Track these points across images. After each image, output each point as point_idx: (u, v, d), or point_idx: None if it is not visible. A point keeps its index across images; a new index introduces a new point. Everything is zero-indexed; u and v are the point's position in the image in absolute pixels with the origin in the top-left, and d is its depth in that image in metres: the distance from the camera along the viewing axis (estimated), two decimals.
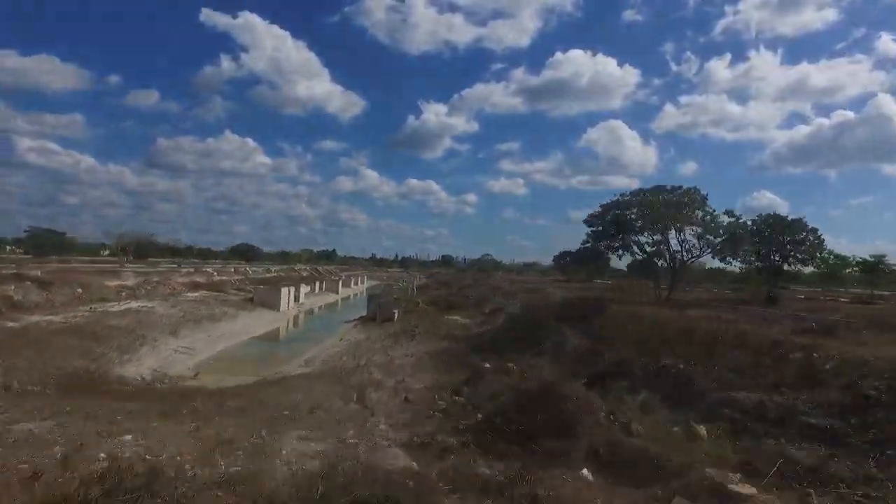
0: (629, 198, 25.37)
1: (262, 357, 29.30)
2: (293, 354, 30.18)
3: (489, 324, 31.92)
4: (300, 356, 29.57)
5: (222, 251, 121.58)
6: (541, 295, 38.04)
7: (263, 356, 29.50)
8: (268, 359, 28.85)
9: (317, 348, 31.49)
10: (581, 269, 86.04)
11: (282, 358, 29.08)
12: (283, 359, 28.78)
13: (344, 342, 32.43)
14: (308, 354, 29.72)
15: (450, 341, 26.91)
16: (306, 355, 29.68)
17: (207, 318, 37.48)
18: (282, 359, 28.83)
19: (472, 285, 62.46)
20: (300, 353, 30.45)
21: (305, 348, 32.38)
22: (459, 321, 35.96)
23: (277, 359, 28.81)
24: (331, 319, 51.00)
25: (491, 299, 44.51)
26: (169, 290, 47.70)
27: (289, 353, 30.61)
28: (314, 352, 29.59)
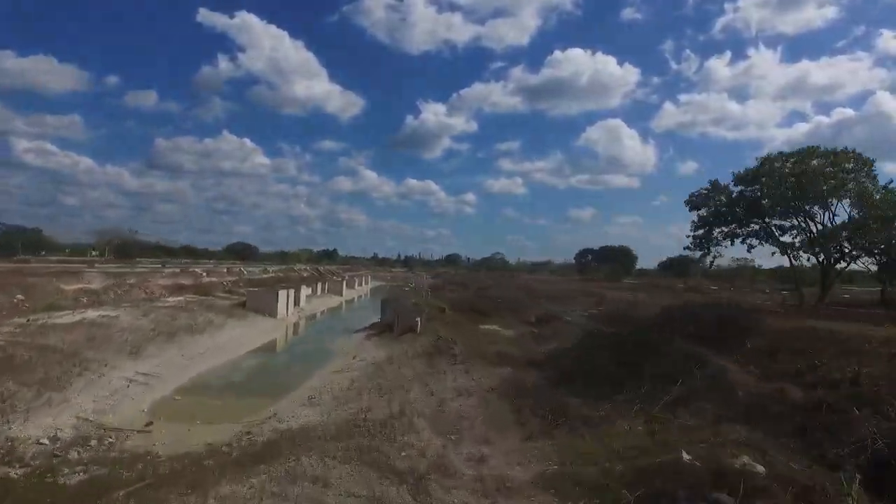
0: (761, 167, 17.82)
1: (250, 386, 21.59)
2: (292, 381, 22.49)
3: (548, 338, 24.34)
4: (302, 383, 21.90)
5: (218, 251, 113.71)
6: (606, 299, 30.36)
7: (251, 385, 21.80)
8: (257, 389, 21.14)
9: (324, 372, 23.81)
10: (603, 267, 78.63)
11: (277, 387, 21.37)
12: (278, 389, 21.07)
13: (359, 363, 24.73)
14: (313, 381, 22.02)
15: (508, 366, 19.30)
16: (310, 382, 21.99)
17: (186, 329, 29.71)
18: (277, 389, 21.13)
19: (493, 286, 54.76)
20: (302, 379, 22.77)
21: (309, 371, 24.69)
22: (503, 334, 28.35)
23: (271, 389, 21.10)
24: (337, 327, 43.23)
25: (529, 304, 36.88)
26: (145, 293, 39.95)
27: (287, 380, 22.89)
28: (321, 380, 21.92)
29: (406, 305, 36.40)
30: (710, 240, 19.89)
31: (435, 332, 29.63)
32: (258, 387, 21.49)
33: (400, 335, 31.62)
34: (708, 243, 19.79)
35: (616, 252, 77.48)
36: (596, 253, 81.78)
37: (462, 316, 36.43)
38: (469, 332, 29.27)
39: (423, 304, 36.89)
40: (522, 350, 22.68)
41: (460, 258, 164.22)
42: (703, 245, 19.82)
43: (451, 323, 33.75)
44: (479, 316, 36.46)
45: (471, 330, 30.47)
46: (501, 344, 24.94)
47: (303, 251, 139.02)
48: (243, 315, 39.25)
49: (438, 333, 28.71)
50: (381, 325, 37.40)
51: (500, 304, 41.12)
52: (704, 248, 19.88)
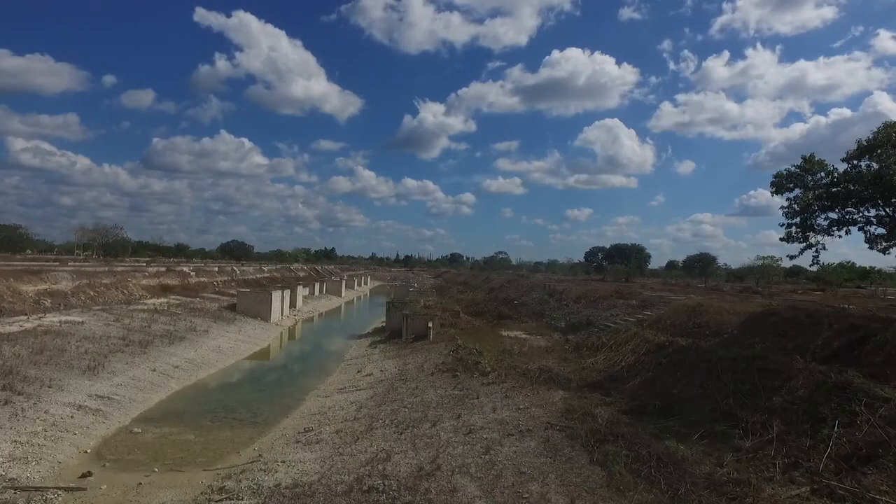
0: (878, 136, 13.74)
1: (233, 411, 17.33)
2: (285, 404, 18.33)
3: (592, 350, 20.14)
4: (297, 407, 17.72)
5: (211, 250, 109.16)
6: (647, 301, 26.22)
7: (234, 410, 17.54)
8: (241, 415, 16.91)
9: (324, 391, 19.61)
10: (616, 266, 74.44)
11: (265, 413, 17.19)
12: (266, 415, 16.89)
13: (366, 379, 20.53)
14: (310, 404, 17.84)
15: (559, 389, 15.14)
16: (307, 405, 17.82)
17: (163, 337, 25.47)
18: (265, 415, 16.95)
19: (505, 287, 50.59)
20: (297, 401, 18.58)
21: (305, 389, 20.49)
22: (531, 342, 24.19)
23: (258, 415, 16.91)
24: (338, 332, 39.09)
25: (554, 307, 32.69)
26: (123, 295, 35.65)
27: (278, 401, 18.69)
28: (320, 403, 17.75)
29: (415, 308, 32.21)
30: (811, 229, 15.72)
31: (451, 340, 25.48)
32: (242, 412, 17.27)
33: (411, 343, 27.47)
34: (808, 233, 15.61)
35: (629, 250, 73.52)
36: (607, 251, 77.70)
37: (479, 320, 32.26)
38: (491, 341, 25.10)
39: (435, 307, 32.68)
40: (565, 365, 18.50)
41: (462, 258, 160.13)
42: (803, 236, 15.63)
43: (467, 329, 29.57)
44: (498, 320, 32.30)
45: (493, 337, 26.31)
46: (535, 356, 20.76)
47: (300, 250, 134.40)
48: (232, 319, 35.01)
49: (457, 341, 24.57)
50: (388, 330, 33.23)
51: (519, 306, 36.96)
52: (804, 239, 15.67)
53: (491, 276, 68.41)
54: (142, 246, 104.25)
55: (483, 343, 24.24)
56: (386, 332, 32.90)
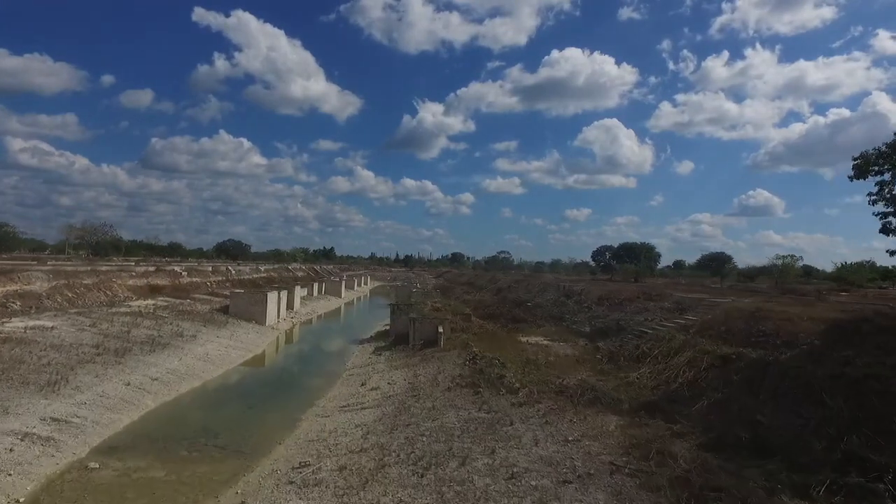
0: None
1: (214, 436, 14.55)
2: (276, 425, 15.56)
3: (630, 360, 17.42)
4: (291, 430, 14.99)
5: (209, 250, 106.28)
6: (686, 305, 23.49)
7: (216, 433, 14.76)
8: (223, 441, 14.13)
9: (322, 411, 16.85)
10: (624, 265, 71.69)
11: (253, 438, 14.43)
12: (254, 441, 14.12)
13: (372, 395, 17.78)
14: (307, 427, 15.08)
15: (611, 413, 12.43)
16: (303, 428, 15.08)
17: (144, 344, 22.71)
18: (253, 440, 14.18)
19: (514, 287, 47.88)
20: (291, 422, 15.83)
21: (301, 405, 17.74)
22: (556, 350, 21.51)
23: (243, 441, 14.14)
24: (338, 336, 36.35)
25: (573, 309, 29.98)
26: (106, 296, 32.84)
27: (269, 422, 15.92)
28: (318, 425, 15.00)
29: (422, 311, 29.47)
30: None
31: (465, 347, 22.77)
32: (226, 437, 14.51)
33: (419, 350, 24.73)
34: None
35: (637, 249, 70.81)
36: (614, 251, 75.00)
37: (492, 324, 29.54)
38: (510, 348, 22.41)
39: (443, 310, 29.95)
40: (605, 379, 15.77)
41: (464, 257, 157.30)
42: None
43: (481, 334, 26.85)
44: (513, 324, 29.59)
45: (511, 344, 23.62)
46: (565, 367, 18.04)
47: (298, 250, 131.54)
48: (224, 322, 32.21)
49: (471, 349, 21.85)
50: (392, 334, 30.49)
51: (533, 308, 34.23)
52: None
53: (497, 276, 65.73)
54: (136, 245, 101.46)
55: (501, 350, 21.55)
56: (390, 337, 30.16)
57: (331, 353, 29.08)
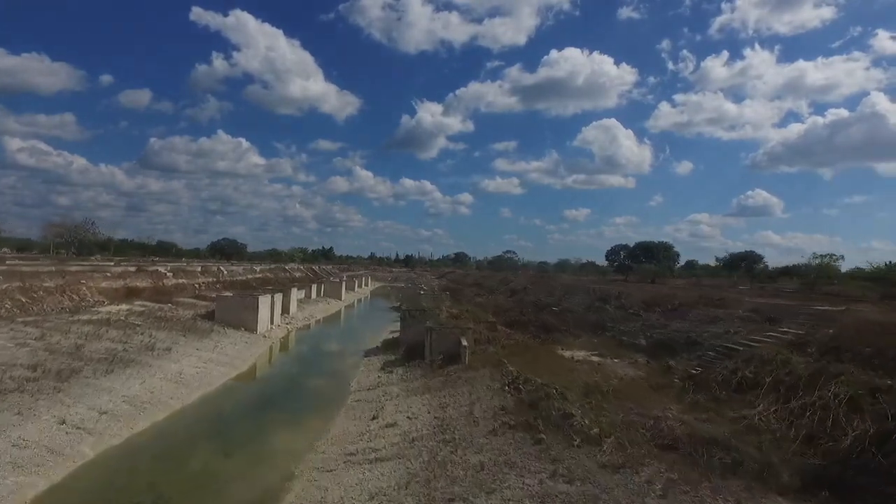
0: None
1: (170, 497, 10.05)
2: (258, 478, 11.08)
3: (726, 386, 13.00)
4: (279, 495, 10.48)
5: (203, 250, 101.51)
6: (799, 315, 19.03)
7: (174, 494, 10.21)
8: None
9: (321, 460, 12.30)
10: (641, 265, 67.29)
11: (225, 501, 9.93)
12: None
13: (388, 435, 13.30)
14: (298, 495, 10.56)
15: (755, 487, 8.06)
16: (293, 496, 10.56)
17: (101, 362, 18.20)
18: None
19: (531, 289, 43.43)
20: (278, 479, 11.32)
21: (293, 452, 13.19)
22: (612, 369, 17.10)
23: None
24: (339, 346, 31.81)
25: (616, 316, 25.53)
26: (71, 301, 28.25)
27: (246, 488, 11.36)
28: (315, 489, 10.59)
29: (438, 318, 25.03)
30: None
31: (497, 365, 18.32)
32: (183, 500, 10.01)
33: (440, 368, 20.25)
34: None
35: (656, 249, 66.38)
36: (630, 250, 70.57)
37: (520, 333, 25.07)
38: (553, 365, 17.99)
39: (462, 316, 25.51)
40: (713, 419, 11.33)
41: (468, 257, 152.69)
42: None
43: (511, 346, 22.43)
44: (545, 334, 25.15)
45: (550, 359, 19.20)
46: (640, 396, 13.61)
47: (296, 250, 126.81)
48: (208, 331, 27.69)
49: (506, 367, 17.42)
50: (403, 344, 26.03)
51: (561, 313, 29.76)
52: None
53: (508, 277, 61.27)
54: (127, 244, 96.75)
55: (542, 369, 17.15)
56: (401, 349, 25.69)
57: (332, 369, 24.57)
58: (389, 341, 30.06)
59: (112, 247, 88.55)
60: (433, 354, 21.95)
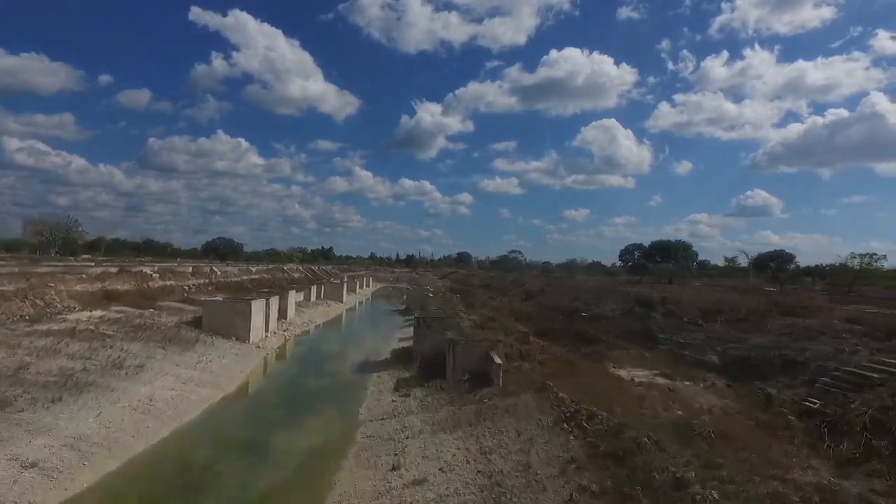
0: None
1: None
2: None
3: (877, 433, 9.40)
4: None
5: (198, 250, 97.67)
6: None
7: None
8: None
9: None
10: (658, 265, 63.68)
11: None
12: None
13: (416, 500, 9.49)
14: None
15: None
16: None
17: (47, 388, 14.52)
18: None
19: (549, 291, 39.73)
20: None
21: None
22: (688, 395, 13.43)
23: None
24: (342, 358, 28.02)
25: (672, 326, 21.84)
26: (34, 307, 24.45)
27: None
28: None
29: (459, 326, 21.37)
30: None
31: (541, 388, 14.64)
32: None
33: (468, 391, 16.53)
34: None
35: (673, 248, 62.75)
36: (645, 249, 66.92)
37: (554, 345, 21.36)
38: (614, 392, 14.27)
39: (486, 324, 21.86)
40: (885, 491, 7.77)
41: (471, 257, 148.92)
42: None
43: (549, 362, 18.72)
44: (585, 346, 21.46)
45: (601, 380, 15.51)
46: (749, 440, 9.97)
47: (295, 250, 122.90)
48: (192, 341, 23.96)
49: (553, 391, 13.74)
50: (417, 357, 22.34)
51: (594, 320, 26.05)
52: None
53: (519, 278, 57.56)
54: (119, 244, 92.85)
55: (596, 392, 13.50)
56: (415, 364, 22.02)
57: (336, 389, 20.79)
58: (400, 352, 26.36)
59: (103, 246, 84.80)
60: (457, 372, 18.26)
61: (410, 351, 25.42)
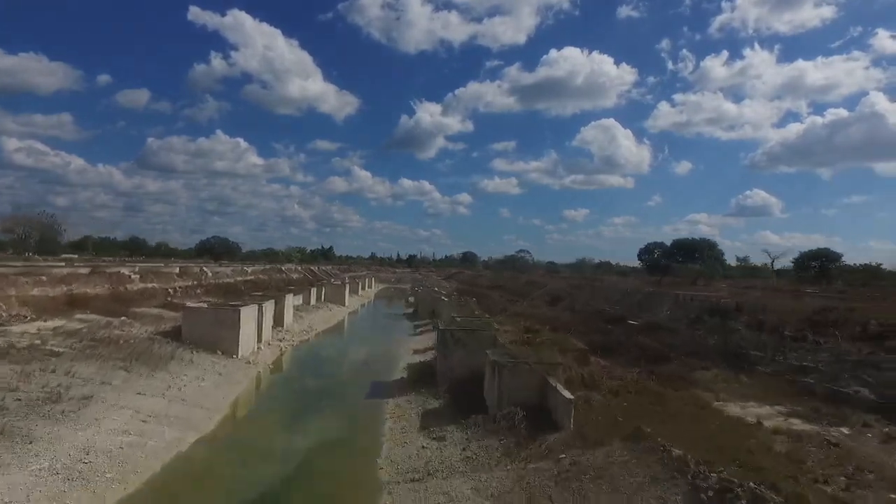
0: None
1: None
2: None
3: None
4: None
5: (189, 249, 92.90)
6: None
7: None
8: None
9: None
10: (683, 266, 59.19)
11: None
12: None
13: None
14: None
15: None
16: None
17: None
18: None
19: (576, 294, 35.22)
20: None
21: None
22: (864, 455, 8.92)
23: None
24: (349, 375, 23.44)
25: (771, 344, 17.27)
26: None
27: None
28: None
29: (501, 343, 16.86)
30: None
31: (632, 433, 10.16)
32: None
33: (528, 437, 12.00)
34: None
35: (698, 247, 58.29)
36: (666, 249, 62.41)
37: (615, 364, 16.85)
38: (742, 443, 9.77)
39: (525, 337, 17.38)
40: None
41: (476, 257, 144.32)
42: None
43: (619, 389, 14.22)
44: (653, 365, 16.91)
45: (729, 429, 10.95)
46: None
47: (294, 249, 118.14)
48: (167, 358, 19.35)
49: (650, 438, 9.24)
50: (442, 379, 17.83)
51: (651, 332, 21.54)
52: None
53: (538, 280, 53.00)
54: (108, 243, 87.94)
55: (707, 439, 9.01)
56: (441, 387, 17.52)
57: (344, 423, 16.20)
58: (417, 368, 21.90)
59: (91, 245, 79.97)
60: (503, 405, 13.75)
61: (431, 368, 21.00)
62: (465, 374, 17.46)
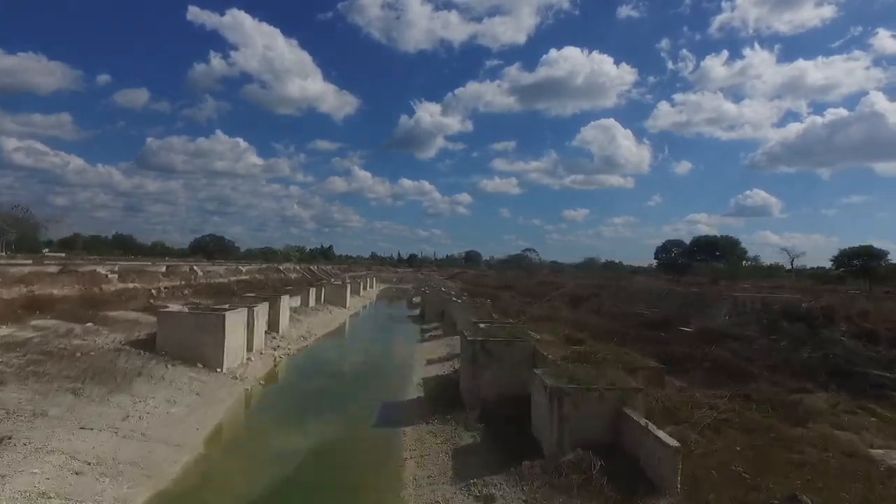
0: None
1: None
2: None
3: None
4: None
5: (181, 248, 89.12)
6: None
7: None
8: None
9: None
10: (704, 265, 55.67)
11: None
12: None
13: None
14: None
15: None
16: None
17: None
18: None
19: (602, 296, 31.64)
20: None
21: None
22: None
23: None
24: (353, 393, 19.66)
25: (877, 358, 13.81)
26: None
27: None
28: None
29: (558, 365, 13.24)
30: None
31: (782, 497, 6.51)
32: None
33: (623, 501, 8.35)
34: None
35: (720, 245, 54.82)
36: (686, 247, 58.94)
37: (686, 383, 13.20)
38: None
39: (602, 356, 13.75)
40: None
41: (480, 256, 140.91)
42: None
43: (704, 421, 10.57)
44: (730, 381, 13.28)
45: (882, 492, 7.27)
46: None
47: (293, 248, 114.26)
48: (131, 375, 15.65)
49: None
50: (476, 405, 14.19)
51: (713, 340, 17.92)
52: None
53: (554, 280, 49.41)
54: (98, 241, 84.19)
55: None
56: (472, 414, 13.91)
57: (353, 468, 12.49)
58: (435, 384, 18.35)
59: (80, 243, 76.27)
60: (566, 447, 10.13)
61: (451, 383, 17.44)
62: (498, 395, 13.90)
